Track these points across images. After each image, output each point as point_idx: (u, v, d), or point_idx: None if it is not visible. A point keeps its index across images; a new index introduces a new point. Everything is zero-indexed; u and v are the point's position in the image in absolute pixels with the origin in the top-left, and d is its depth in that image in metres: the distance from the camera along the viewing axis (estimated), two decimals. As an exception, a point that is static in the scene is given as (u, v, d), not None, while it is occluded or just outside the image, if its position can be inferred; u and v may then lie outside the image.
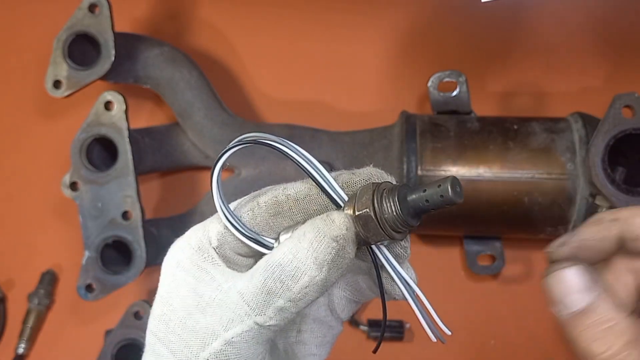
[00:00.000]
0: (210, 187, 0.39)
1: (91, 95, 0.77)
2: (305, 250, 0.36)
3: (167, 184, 0.89)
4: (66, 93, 0.75)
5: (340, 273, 0.37)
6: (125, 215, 0.74)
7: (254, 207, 0.40)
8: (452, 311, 0.80)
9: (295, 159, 0.38)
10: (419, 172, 0.73)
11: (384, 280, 0.39)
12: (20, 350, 0.83)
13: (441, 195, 0.34)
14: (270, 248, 0.39)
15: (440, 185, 0.34)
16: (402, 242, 0.39)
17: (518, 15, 0.89)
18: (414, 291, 0.39)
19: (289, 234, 0.39)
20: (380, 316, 0.83)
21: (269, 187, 0.41)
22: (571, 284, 0.39)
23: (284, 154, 0.37)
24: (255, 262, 0.41)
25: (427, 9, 0.90)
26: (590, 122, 0.74)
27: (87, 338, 0.84)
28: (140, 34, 0.83)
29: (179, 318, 0.38)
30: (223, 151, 0.38)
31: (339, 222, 0.36)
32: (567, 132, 0.74)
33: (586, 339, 0.38)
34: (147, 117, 0.89)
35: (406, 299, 0.39)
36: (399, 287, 0.39)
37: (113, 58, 0.74)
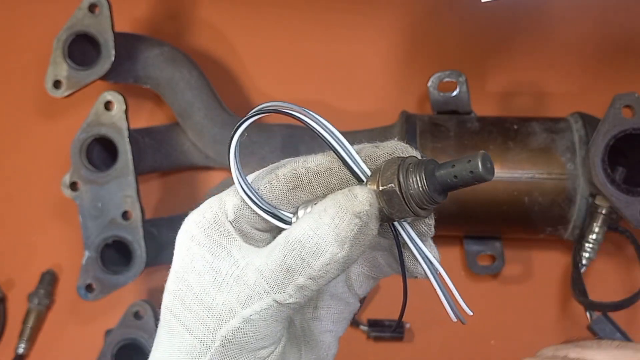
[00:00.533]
0: (228, 161, 0.38)
1: (91, 95, 0.77)
2: (327, 227, 0.34)
3: (167, 184, 0.89)
4: (66, 93, 0.75)
5: (362, 250, 0.35)
6: (125, 215, 0.74)
7: (272, 179, 0.39)
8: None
9: (317, 130, 0.36)
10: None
11: (405, 258, 0.38)
12: (20, 350, 0.83)
13: (471, 172, 0.32)
14: (288, 222, 0.38)
15: (470, 160, 0.33)
16: (427, 219, 0.37)
17: (518, 15, 0.89)
18: (436, 270, 0.37)
19: (309, 209, 0.37)
20: (380, 316, 0.83)
21: (288, 160, 0.39)
22: None
23: (305, 124, 0.36)
24: (273, 236, 0.40)
25: (427, 9, 0.90)
26: (590, 122, 0.74)
27: (87, 338, 0.84)
28: (140, 34, 0.83)
29: (195, 294, 0.38)
30: (243, 119, 0.37)
31: (362, 198, 0.34)
32: (567, 132, 0.74)
33: None
34: (147, 117, 0.89)
35: (428, 278, 0.38)
36: (422, 266, 0.38)
37: (113, 58, 0.74)
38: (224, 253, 0.38)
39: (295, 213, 0.38)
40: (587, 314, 0.74)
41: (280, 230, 0.38)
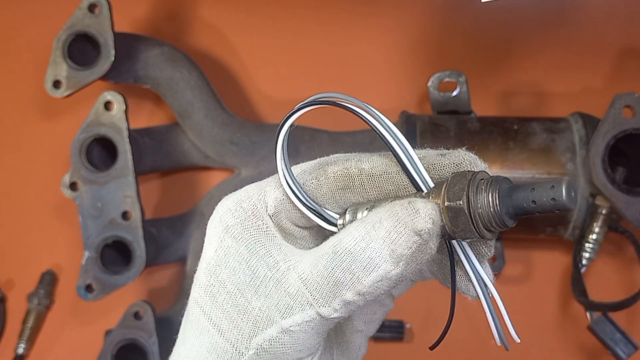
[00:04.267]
0: (274, 150, 0.35)
1: (91, 95, 0.77)
2: (382, 240, 0.31)
3: (167, 184, 0.89)
4: (66, 93, 0.75)
5: (418, 268, 0.32)
6: (125, 215, 0.74)
7: (320, 176, 0.36)
8: (452, 311, 0.80)
9: (377, 129, 0.33)
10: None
11: (457, 277, 0.35)
12: (20, 351, 0.83)
13: (553, 199, 0.29)
14: (333, 224, 0.35)
15: (553, 186, 0.29)
16: (489, 241, 0.34)
17: (518, 15, 0.89)
18: (489, 292, 0.35)
19: (359, 214, 0.34)
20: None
21: (339, 156, 0.36)
22: None
23: (364, 120, 0.33)
24: (312, 234, 0.38)
25: (427, 9, 0.90)
26: (590, 122, 0.74)
27: (87, 338, 0.84)
28: (140, 34, 0.82)
29: (228, 292, 0.35)
30: (294, 110, 0.34)
31: (424, 213, 0.31)
32: (567, 132, 0.74)
33: None
34: (147, 117, 0.89)
35: (480, 300, 0.35)
36: (475, 288, 0.35)
37: (113, 58, 0.74)
38: (263, 251, 0.35)
39: (342, 214, 0.36)
40: (587, 314, 0.74)
41: (322, 229, 0.36)
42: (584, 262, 0.74)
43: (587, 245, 0.74)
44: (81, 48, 0.76)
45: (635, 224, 0.69)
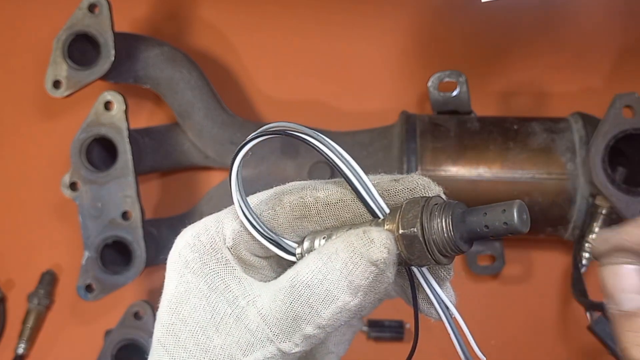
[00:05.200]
0: (229, 181, 0.35)
1: (91, 95, 0.77)
2: (339, 272, 0.31)
3: (167, 184, 0.89)
4: (66, 93, 0.75)
5: (376, 298, 0.32)
6: (125, 215, 0.74)
7: (276, 205, 0.35)
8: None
9: (329, 157, 0.33)
10: (419, 173, 0.73)
11: (419, 300, 0.35)
12: (20, 351, 0.83)
13: (505, 223, 0.30)
14: (291, 253, 0.35)
15: (504, 210, 0.30)
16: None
17: (518, 15, 0.89)
18: (451, 314, 0.35)
19: (316, 242, 0.35)
20: (380, 316, 0.83)
21: (296, 184, 0.36)
22: (627, 282, 0.37)
23: (316, 149, 0.33)
24: (271, 264, 0.37)
25: (427, 9, 0.90)
26: (590, 122, 0.74)
27: (87, 338, 0.84)
28: (140, 34, 0.82)
29: (190, 331, 0.35)
30: (245, 141, 0.33)
31: (379, 243, 0.31)
32: (568, 132, 0.74)
33: (629, 340, 0.36)
34: (147, 117, 0.89)
35: (442, 321, 0.35)
36: (437, 310, 0.35)
37: (113, 58, 0.74)
38: (222, 286, 0.35)
39: (300, 243, 0.36)
40: (587, 314, 0.74)
41: (281, 258, 0.36)
42: (584, 262, 0.74)
43: (587, 245, 0.74)
44: (81, 48, 0.76)
45: (635, 224, 0.69)
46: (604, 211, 0.72)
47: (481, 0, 0.65)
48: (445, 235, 0.31)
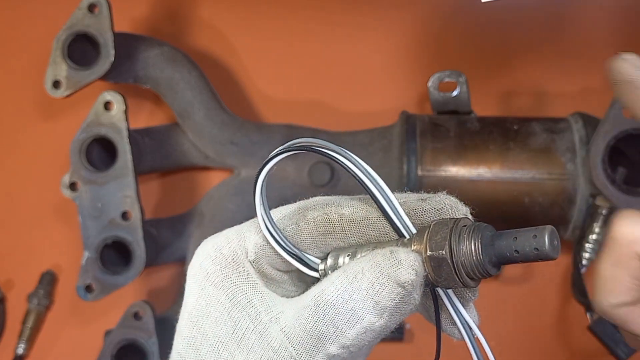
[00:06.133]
0: (253, 195, 0.34)
1: (91, 95, 0.77)
2: (364, 292, 0.31)
3: (167, 184, 0.89)
4: (66, 93, 0.75)
5: (402, 319, 0.32)
6: (124, 215, 0.74)
7: (300, 220, 0.35)
8: (452, 311, 0.80)
9: (356, 174, 0.32)
10: (419, 173, 0.73)
11: (442, 319, 0.35)
12: (20, 351, 0.83)
13: (536, 249, 0.30)
14: (314, 269, 0.35)
15: (535, 235, 0.30)
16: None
17: (518, 15, 0.89)
18: (474, 334, 0.34)
19: (340, 259, 0.34)
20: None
21: (319, 199, 0.36)
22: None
23: (342, 166, 0.32)
24: (292, 278, 0.37)
25: (427, 9, 0.90)
26: (590, 122, 0.74)
27: (86, 338, 0.84)
28: (140, 34, 0.82)
29: (211, 345, 0.34)
30: (270, 156, 0.34)
31: (407, 264, 0.30)
32: (568, 133, 0.74)
33: None
34: (147, 117, 0.89)
35: (464, 341, 0.35)
36: (460, 331, 0.34)
37: (113, 58, 0.74)
38: (244, 301, 0.35)
39: (323, 259, 0.35)
40: (587, 315, 0.74)
41: (303, 273, 0.35)
42: (584, 262, 0.74)
43: (587, 245, 0.74)
44: (81, 48, 0.76)
45: (636, 224, 0.69)
46: (604, 211, 0.72)
47: (481, 1, 0.65)
48: (474, 258, 0.31)
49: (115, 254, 0.76)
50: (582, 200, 0.72)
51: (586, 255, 0.74)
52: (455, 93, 0.78)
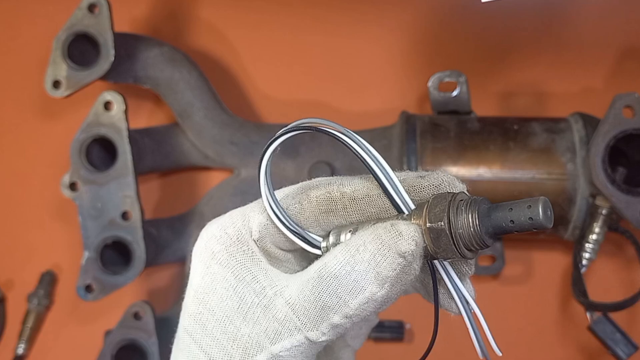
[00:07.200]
0: (257, 175, 0.35)
1: (91, 95, 0.77)
2: (366, 263, 0.32)
3: (167, 184, 0.89)
4: (66, 93, 0.75)
5: (402, 290, 0.33)
6: (124, 215, 0.74)
7: (302, 200, 0.36)
8: (452, 311, 0.80)
9: (359, 153, 0.34)
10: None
11: (440, 294, 0.36)
12: (20, 351, 0.83)
13: (530, 218, 0.30)
14: (316, 247, 0.36)
15: (530, 205, 0.31)
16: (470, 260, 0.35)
17: (518, 15, 0.89)
18: (471, 308, 0.36)
19: (342, 236, 0.35)
20: (380, 316, 0.83)
21: (322, 179, 0.37)
22: None
23: (346, 145, 0.34)
24: (296, 257, 0.38)
25: (427, 9, 0.90)
26: (590, 123, 0.74)
27: (86, 338, 0.84)
28: (140, 34, 0.82)
29: (217, 320, 0.36)
30: (275, 136, 0.34)
31: (407, 235, 0.32)
32: (568, 133, 0.74)
33: None
34: (147, 117, 0.89)
35: (462, 315, 0.36)
36: (457, 304, 0.35)
37: (112, 58, 0.74)
38: (249, 277, 0.36)
39: (325, 237, 0.36)
40: (588, 315, 0.74)
41: (306, 252, 0.36)
42: (584, 262, 0.74)
43: (587, 245, 0.74)
44: (81, 48, 0.76)
45: (635, 224, 0.69)
46: (604, 211, 0.72)
47: (481, 1, 0.65)
48: (472, 229, 0.32)
49: (115, 254, 0.76)
50: (582, 200, 0.72)
51: (586, 255, 0.74)
52: (455, 93, 0.78)
